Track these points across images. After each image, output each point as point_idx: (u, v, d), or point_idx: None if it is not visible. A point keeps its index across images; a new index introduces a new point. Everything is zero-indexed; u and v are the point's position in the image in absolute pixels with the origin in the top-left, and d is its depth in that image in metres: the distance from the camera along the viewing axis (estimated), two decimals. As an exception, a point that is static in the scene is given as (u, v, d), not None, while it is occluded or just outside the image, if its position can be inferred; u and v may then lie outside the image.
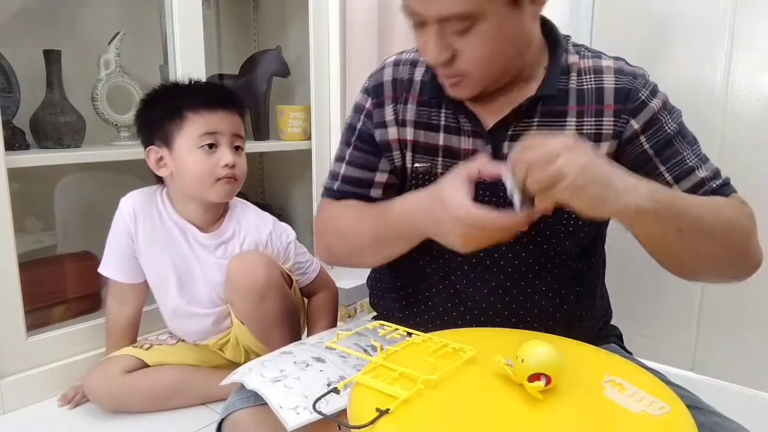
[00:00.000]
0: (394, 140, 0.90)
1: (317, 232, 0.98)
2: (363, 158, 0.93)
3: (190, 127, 1.14)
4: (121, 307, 1.27)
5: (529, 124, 0.82)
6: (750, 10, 1.13)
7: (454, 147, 0.86)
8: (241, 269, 1.15)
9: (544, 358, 0.53)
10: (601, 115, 0.81)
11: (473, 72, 0.77)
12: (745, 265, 0.79)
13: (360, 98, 0.95)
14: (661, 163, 0.81)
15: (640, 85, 0.81)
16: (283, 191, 2.11)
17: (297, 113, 1.80)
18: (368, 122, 0.92)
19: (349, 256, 0.94)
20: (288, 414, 0.71)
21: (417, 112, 0.89)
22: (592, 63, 0.84)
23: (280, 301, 1.18)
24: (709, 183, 0.80)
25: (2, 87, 1.32)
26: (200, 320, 1.25)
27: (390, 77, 0.92)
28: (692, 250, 0.73)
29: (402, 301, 0.96)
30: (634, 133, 0.81)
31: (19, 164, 1.22)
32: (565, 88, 0.82)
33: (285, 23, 1.98)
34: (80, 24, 1.60)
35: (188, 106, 1.15)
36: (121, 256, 1.24)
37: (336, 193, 0.94)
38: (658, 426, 0.50)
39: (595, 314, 0.93)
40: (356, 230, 0.88)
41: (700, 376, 1.27)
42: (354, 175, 0.93)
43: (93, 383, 1.18)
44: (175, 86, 1.22)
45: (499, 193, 0.80)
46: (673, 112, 0.83)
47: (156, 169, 1.19)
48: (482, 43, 0.73)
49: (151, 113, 1.19)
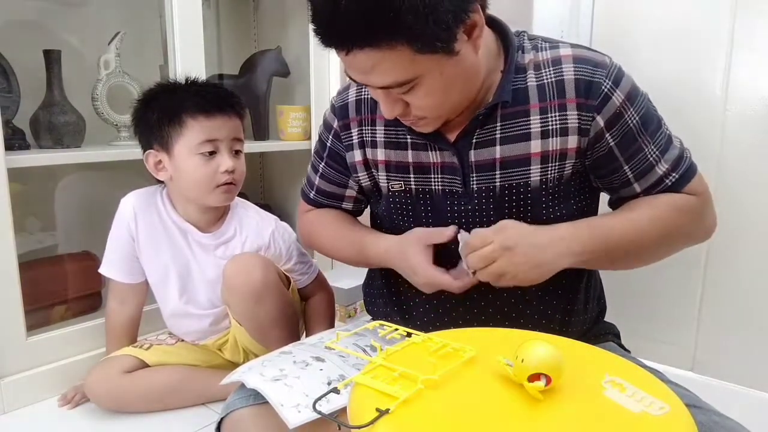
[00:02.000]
0: (360, 162, 0.93)
1: (302, 236, 1.10)
2: (334, 175, 1.00)
3: (190, 134, 1.13)
4: (121, 306, 1.27)
5: (492, 129, 0.83)
6: (750, 10, 1.13)
7: (423, 162, 0.88)
8: (238, 270, 1.15)
9: (544, 358, 0.53)
10: (564, 109, 0.81)
11: (430, 115, 0.79)
12: (697, 239, 0.89)
13: (328, 116, 0.98)
14: (625, 162, 0.83)
15: (602, 76, 0.79)
16: (283, 191, 2.11)
17: (297, 113, 1.80)
18: (337, 143, 0.96)
19: (334, 259, 1.09)
20: (289, 412, 0.71)
21: (385, 133, 0.90)
22: (550, 55, 0.83)
23: (277, 302, 1.18)
24: (666, 180, 0.83)
25: (2, 87, 1.32)
26: (199, 320, 1.25)
27: (354, 98, 0.93)
28: (635, 263, 0.87)
29: (394, 306, 0.97)
30: (600, 132, 0.81)
31: (19, 164, 1.22)
32: (524, 86, 0.82)
33: (285, 23, 1.98)
34: (80, 24, 1.60)
35: (187, 112, 1.13)
36: (121, 256, 1.24)
37: (312, 200, 1.06)
38: (658, 426, 0.50)
39: (589, 306, 0.94)
40: (338, 251, 1.01)
41: (699, 375, 1.27)
42: (327, 189, 1.02)
43: (93, 383, 1.18)
44: (173, 87, 1.19)
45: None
46: (636, 102, 0.81)
47: (155, 172, 1.18)
48: (429, 95, 0.75)
49: (149, 116, 1.16)
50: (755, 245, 1.18)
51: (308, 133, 1.82)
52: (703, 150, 1.20)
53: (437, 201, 0.88)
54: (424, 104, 0.76)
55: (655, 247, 0.85)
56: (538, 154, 0.82)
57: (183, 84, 1.19)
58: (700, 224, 0.87)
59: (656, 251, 0.86)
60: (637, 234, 0.81)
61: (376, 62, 0.69)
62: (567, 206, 0.85)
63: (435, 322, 0.91)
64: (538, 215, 0.84)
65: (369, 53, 0.68)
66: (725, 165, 1.19)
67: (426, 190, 0.88)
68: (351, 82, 0.95)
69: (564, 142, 0.81)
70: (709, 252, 1.23)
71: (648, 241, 0.82)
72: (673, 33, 1.22)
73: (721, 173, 1.19)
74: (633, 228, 0.81)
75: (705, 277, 1.25)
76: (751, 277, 1.19)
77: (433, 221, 0.89)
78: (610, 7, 1.29)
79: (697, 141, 1.20)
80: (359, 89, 0.93)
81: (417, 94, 0.74)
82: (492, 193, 0.84)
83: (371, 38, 0.67)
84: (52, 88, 1.37)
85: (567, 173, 0.83)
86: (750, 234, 1.18)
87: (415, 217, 0.90)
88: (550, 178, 0.83)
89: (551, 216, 0.84)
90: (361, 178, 0.95)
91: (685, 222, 0.84)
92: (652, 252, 0.86)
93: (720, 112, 1.18)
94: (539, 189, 0.83)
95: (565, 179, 0.84)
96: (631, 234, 0.80)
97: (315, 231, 1.05)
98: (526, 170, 0.82)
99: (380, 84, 0.73)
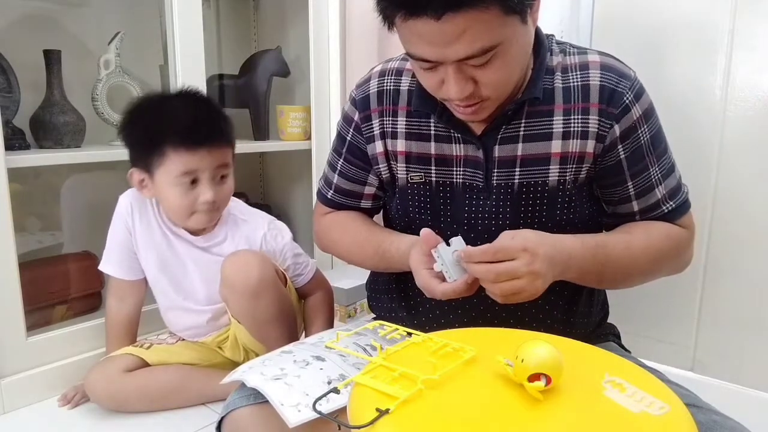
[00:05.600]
0: (381, 153, 0.92)
1: (318, 241, 1.07)
2: (353, 171, 0.98)
3: (170, 165, 1.11)
4: (120, 304, 1.27)
5: (517, 125, 0.83)
6: (750, 10, 1.13)
7: (446, 155, 0.87)
8: (235, 268, 1.15)
9: (544, 358, 0.53)
10: (587, 113, 0.82)
11: (494, 95, 0.77)
12: (677, 271, 0.92)
13: (348, 108, 0.97)
14: (630, 177, 0.84)
15: (626, 87, 0.81)
16: (283, 191, 2.11)
17: (297, 113, 1.80)
18: (357, 136, 0.95)
19: (351, 264, 1.04)
20: (289, 411, 0.71)
21: (407, 124, 0.90)
22: (578, 59, 0.84)
23: (275, 299, 1.18)
24: (663, 206, 0.86)
25: (2, 87, 1.32)
26: (197, 316, 1.26)
27: (376, 89, 0.92)
28: (617, 286, 0.90)
29: (401, 302, 0.97)
30: (615, 141, 0.82)
31: (19, 164, 1.22)
32: (550, 87, 0.83)
33: (285, 23, 1.98)
34: (80, 24, 1.60)
35: (169, 143, 1.10)
36: (120, 252, 1.25)
37: (329, 201, 1.03)
38: (658, 426, 0.50)
39: (593, 310, 0.94)
40: (358, 256, 0.99)
41: (699, 375, 1.27)
42: (345, 187, 1.00)
43: (93, 382, 1.18)
44: (159, 105, 1.16)
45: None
46: (650, 120, 0.83)
47: (138, 189, 1.19)
48: (503, 67, 0.73)
49: (133, 135, 1.16)
50: (755, 245, 1.18)
51: (308, 133, 1.82)
52: (703, 150, 1.21)
53: (457, 195, 0.87)
54: (495, 78, 0.74)
55: (640, 275, 0.88)
56: (558, 155, 0.82)
57: (173, 100, 1.17)
58: (684, 257, 0.90)
59: (640, 279, 0.89)
60: (630, 261, 0.83)
61: (468, 25, 0.67)
62: (581, 210, 0.86)
63: (441, 319, 0.91)
64: (553, 216, 0.84)
65: (465, 15, 0.66)
66: (725, 165, 1.19)
67: (447, 182, 0.88)
68: (371, 74, 0.94)
69: (583, 146, 0.82)
70: (708, 252, 1.23)
71: (637, 269, 0.85)
72: (673, 33, 1.22)
73: (721, 173, 1.19)
74: (628, 255, 0.82)
75: (705, 277, 1.25)
76: (750, 277, 1.19)
77: (451, 215, 0.88)
78: (610, 7, 1.29)
79: (697, 141, 1.21)
80: (381, 80, 0.92)
81: (493, 66, 0.72)
82: (510, 190, 0.84)
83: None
84: (52, 88, 1.37)
85: (582, 177, 0.84)
86: (750, 234, 1.18)
87: (432, 211, 0.90)
88: (568, 179, 0.83)
89: (565, 218, 0.85)
90: (382, 170, 0.93)
91: (673, 254, 0.87)
92: (636, 279, 0.88)
93: (720, 112, 1.18)
94: (556, 189, 0.83)
95: (580, 182, 0.84)
96: (625, 260, 0.82)
97: (332, 239, 1.03)
98: (545, 169, 0.83)
99: (466, 52, 0.70)
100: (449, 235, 0.77)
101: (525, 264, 0.70)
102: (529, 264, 0.70)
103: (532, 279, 0.71)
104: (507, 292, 0.71)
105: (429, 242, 0.77)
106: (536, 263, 0.71)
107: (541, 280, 0.72)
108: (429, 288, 0.78)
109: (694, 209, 0.90)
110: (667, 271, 0.90)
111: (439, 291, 0.76)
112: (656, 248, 0.84)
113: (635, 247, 0.83)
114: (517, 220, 0.85)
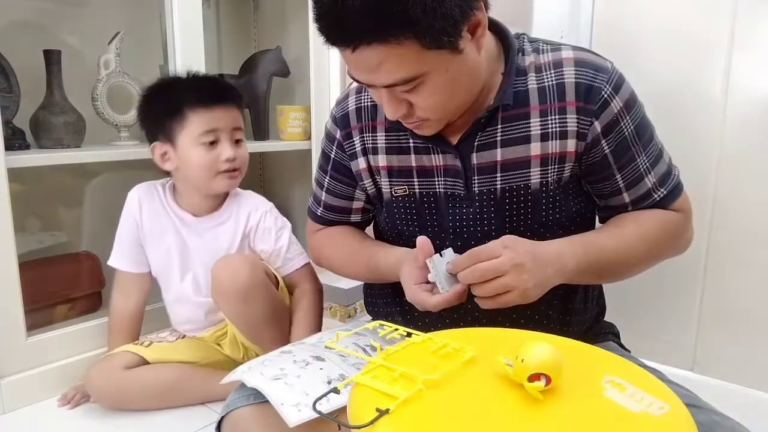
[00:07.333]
0: (364, 169, 0.93)
1: (313, 258, 1.11)
2: (340, 187, 0.99)
3: (191, 126, 1.19)
4: (125, 300, 1.29)
5: (494, 131, 0.83)
6: (750, 11, 1.13)
7: (426, 166, 0.88)
8: (225, 271, 1.16)
9: (544, 358, 0.53)
10: (564, 112, 0.81)
11: (433, 116, 0.78)
12: (677, 252, 0.92)
13: (330, 127, 0.97)
14: (618, 170, 0.84)
15: (603, 81, 0.80)
16: (283, 191, 2.11)
17: (297, 113, 1.80)
18: (340, 153, 0.96)
19: (347, 278, 1.07)
20: (289, 411, 0.71)
21: (386, 139, 0.90)
22: (552, 57, 0.82)
23: (266, 301, 1.20)
24: (654, 194, 0.86)
25: (2, 87, 1.32)
26: (196, 308, 1.28)
27: (354, 106, 0.93)
28: (619, 278, 0.88)
29: (396, 306, 0.97)
30: (597, 137, 0.81)
31: (19, 164, 1.22)
32: (524, 88, 0.82)
33: (285, 23, 1.98)
34: (80, 24, 1.60)
35: (188, 105, 1.18)
36: (128, 244, 1.28)
37: (319, 218, 1.05)
38: (658, 426, 0.50)
39: (588, 306, 0.94)
40: (351, 269, 1.00)
41: (699, 375, 1.27)
42: (334, 204, 1.01)
43: (94, 378, 1.19)
44: (174, 82, 1.25)
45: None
46: (632, 110, 0.82)
47: (161, 163, 1.24)
48: (435, 93, 0.74)
49: (152, 110, 1.23)
50: (755, 245, 1.18)
51: (308, 133, 1.82)
52: (703, 150, 1.21)
53: (441, 204, 0.88)
54: (428, 104, 0.75)
55: (640, 264, 0.87)
56: (538, 157, 0.82)
57: (183, 78, 1.24)
58: (682, 239, 0.91)
59: (640, 267, 0.88)
60: (627, 252, 0.83)
61: (383, 58, 0.69)
62: (567, 208, 0.85)
63: (437, 323, 0.91)
64: (538, 217, 0.84)
65: (376, 49, 0.68)
66: (725, 165, 1.19)
67: (430, 193, 0.88)
68: (349, 91, 0.95)
69: (563, 146, 0.81)
70: (709, 252, 1.23)
71: (635, 259, 0.84)
72: (673, 34, 1.22)
73: (721, 174, 1.19)
74: (623, 246, 0.82)
75: (705, 277, 1.25)
76: (751, 276, 1.19)
77: (438, 225, 0.89)
78: (610, 8, 1.29)
79: (697, 141, 1.21)
80: (358, 97, 0.93)
81: (422, 93, 0.74)
82: (493, 196, 0.84)
83: (379, 33, 0.67)
84: (52, 88, 1.37)
85: (566, 176, 0.84)
86: (750, 234, 1.18)
87: (419, 222, 0.90)
88: (550, 180, 0.83)
89: (551, 218, 0.84)
90: (367, 185, 0.94)
91: (669, 238, 0.87)
92: (637, 268, 0.88)
93: (720, 112, 1.18)
94: (539, 191, 0.83)
95: (564, 182, 0.84)
96: (622, 252, 0.82)
97: (325, 254, 1.05)
98: (526, 173, 0.82)
99: (386, 82, 0.72)
100: (438, 245, 0.78)
101: (508, 259, 0.71)
102: (512, 258, 0.71)
103: (518, 273, 0.71)
104: (495, 290, 0.72)
105: (425, 250, 0.77)
106: (518, 257, 0.72)
107: (527, 275, 0.72)
108: (420, 301, 0.78)
109: (694, 209, 0.91)
110: (667, 255, 0.90)
111: (431, 304, 0.77)
112: (651, 236, 0.84)
113: (629, 239, 0.83)
114: (502, 225, 0.85)
